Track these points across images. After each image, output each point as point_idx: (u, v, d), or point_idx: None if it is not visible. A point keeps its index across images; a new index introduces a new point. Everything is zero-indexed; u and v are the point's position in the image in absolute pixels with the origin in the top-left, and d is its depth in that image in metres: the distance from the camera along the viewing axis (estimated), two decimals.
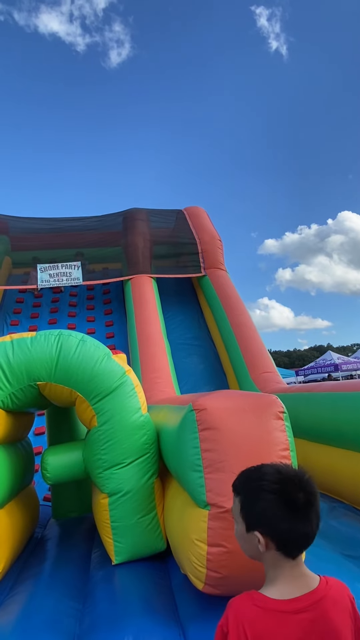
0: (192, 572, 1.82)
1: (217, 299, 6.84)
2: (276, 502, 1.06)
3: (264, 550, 1.07)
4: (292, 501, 1.05)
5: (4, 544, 2.33)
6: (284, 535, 1.05)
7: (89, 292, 8.13)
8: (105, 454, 2.36)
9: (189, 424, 1.85)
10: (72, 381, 2.40)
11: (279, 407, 1.87)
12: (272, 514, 1.05)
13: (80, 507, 3.44)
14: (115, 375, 2.42)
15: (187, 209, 8.71)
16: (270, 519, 1.05)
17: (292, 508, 1.05)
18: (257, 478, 1.12)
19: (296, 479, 1.09)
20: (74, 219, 8.76)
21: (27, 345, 2.40)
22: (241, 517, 1.13)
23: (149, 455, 2.40)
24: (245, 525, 1.11)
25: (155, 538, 2.39)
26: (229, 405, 1.86)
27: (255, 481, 1.11)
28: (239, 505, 1.14)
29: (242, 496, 1.14)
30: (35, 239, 8.15)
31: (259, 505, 1.07)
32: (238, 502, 1.15)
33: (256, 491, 1.09)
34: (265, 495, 1.07)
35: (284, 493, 1.06)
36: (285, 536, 1.05)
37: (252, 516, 1.09)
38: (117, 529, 2.35)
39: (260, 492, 1.08)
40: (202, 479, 1.74)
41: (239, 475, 1.20)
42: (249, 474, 1.16)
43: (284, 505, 1.05)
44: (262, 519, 1.07)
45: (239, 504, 1.15)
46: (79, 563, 2.53)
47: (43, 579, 2.33)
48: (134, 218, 8.07)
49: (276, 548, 1.06)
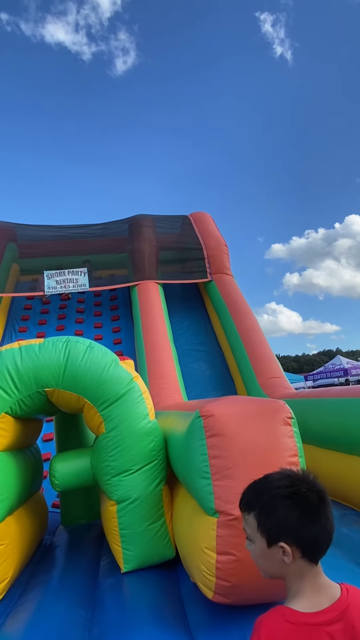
0: (202, 580, 1.81)
1: (223, 304, 6.83)
2: (295, 507, 1.05)
3: (290, 562, 1.05)
4: (309, 502, 1.05)
5: (13, 551, 2.33)
6: (309, 538, 1.04)
7: (96, 299, 8.16)
8: (113, 460, 2.35)
9: (197, 430, 1.84)
10: (80, 388, 2.41)
11: (286, 412, 1.86)
12: (294, 519, 1.04)
13: (88, 514, 3.43)
14: (122, 382, 2.42)
15: (193, 215, 8.74)
16: (293, 525, 1.04)
17: (310, 509, 1.05)
18: (269, 488, 1.10)
19: (306, 479, 1.09)
20: (81, 226, 8.83)
21: (35, 352, 2.41)
22: (259, 533, 1.10)
23: (157, 462, 2.39)
24: (266, 540, 1.08)
25: (164, 546, 2.38)
26: (237, 412, 1.85)
27: (268, 491, 1.10)
28: (255, 522, 1.11)
29: (257, 511, 1.11)
30: (43, 246, 8.22)
31: (278, 514, 1.06)
32: (253, 518, 1.12)
33: (272, 501, 1.07)
34: (282, 502, 1.06)
35: (299, 496, 1.05)
36: (311, 539, 1.04)
37: (273, 528, 1.07)
38: (125, 536, 2.34)
39: (276, 501, 1.07)
40: (210, 486, 1.73)
41: (247, 492, 1.17)
42: (258, 487, 1.14)
43: (302, 508, 1.05)
44: (285, 527, 1.05)
45: (254, 521, 1.11)
46: (87, 570, 2.52)
47: (52, 586, 2.33)
48: (140, 224, 8.11)
49: (301, 555, 1.04)
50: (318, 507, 1.05)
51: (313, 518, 1.04)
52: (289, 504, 1.05)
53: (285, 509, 1.05)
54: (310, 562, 1.05)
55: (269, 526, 1.08)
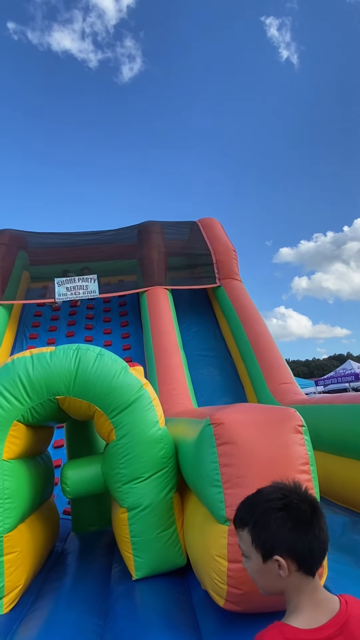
0: (213, 588, 1.81)
1: (232, 309, 6.83)
2: (287, 518, 1.05)
3: (286, 576, 1.04)
4: (301, 513, 1.05)
5: (25, 558, 2.35)
6: (304, 550, 1.04)
7: (105, 305, 8.21)
8: (124, 468, 2.36)
9: (207, 438, 1.85)
10: (91, 395, 2.43)
11: (297, 420, 1.85)
12: (288, 531, 1.04)
13: (100, 520, 3.44)
14: (132, 389, 2.44)
15: (201, 220, 8.77)
16: (286, 537, 1.04)
17: (303, 520, 1.05)
18: (261, 502, 1.11)
19: (297, 491, 1.10)
20: (90, 233, 8.91)
21: (47, 359, 2.44)
22: (254, 548, 1.10)
23: (168, 469, 2.40)
24: (261, 555, 1.08)
25: (175, 553, 2.37)
26: (247, 419, 1.85)
27: (260, 505, 1.10)
28: (249, 537, 1.11)
29: (250, 525, 1.11)
30: (53, 253, 8.31)
31: (272, 527, 1.06)
32: (247, 534, 1.12)
33: (264, 515, 1.08)
34: (275, 514, 1.06)
35: (291, 507, 1.06)
36: (306, 551, 1.04)
37: (267, 542, 1.07)
38: (136, 543, 2.34)
39: (269, 514, 1.07)
40: (221, 494, 1.74)
41: (239, 507, 1.18)
42: (250, 502, 1.15)
43: (295, 520, 1.05)
44: (279, 540, 1.05)
45: (248, 536, 1.11)
46: (99, 578, 2.52)
47: (64, 593, 2.34)
48: (149, 231, 8.16)
49: (297, 568, 1.04)
50: (311, 518, 1.06)
51: (306, 529, 1.04)
52: (281, 515, 1.05)
53: (278, 521, 1.05)
54: (307, 575, 1.05)
55: (263, 540, 1.08)
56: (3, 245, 7.58)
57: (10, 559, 2.23)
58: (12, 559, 2.24)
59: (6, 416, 2.32)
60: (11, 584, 2.22)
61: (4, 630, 2.01)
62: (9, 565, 2.21)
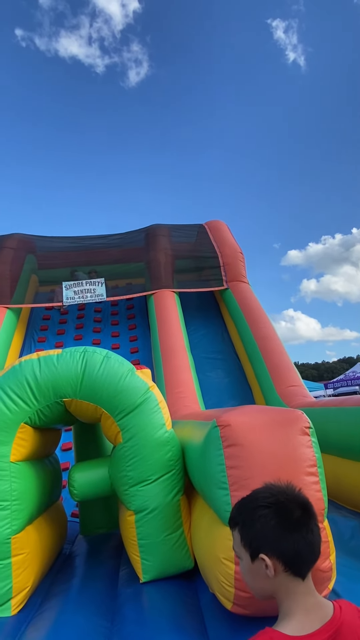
0: (220, 591, 1.80)
1: (240, 312, 6.81)
2: (274, 516, 1.04)
3: (273, 575, 1.02)
4: (290, 512, 1.04)
5: (33, 560, 2.35)
6: (289, 549, 1.02)
7: (113, 308, 8.24)
8: (131, 470, 2.36)
9: (214, 440, 1.84)
10: (97, 397, 2.43)
11: (304, 422, 1.84)
12: (272, 529, 1.03)
13: (107, 523, 3.44)
14: (139, 391, 2.44)
15: (208, 223, 8.77)
16: (271, 534, 1.03)
17: (291, 519, 1.03)
18: (250, 500, 1.11)
19: (287, 491, 1.09)
20: (98, 237, 8.96)
21: (54, 362, 2.45)
22: (243, 547, 1.09)
23: (175, 472, 2.40)
24: (249, 554, 1.07)
25: (183, 556, 2.37)
26: (254, 421, 1.85)
27: (248, 504, 1.10)
28: (239, 537, 1.11)
29: (240, 525, 1.11)
30: (61, 257, 8.37)
31: (258, 524, 1.05)
32: (237, 533, 1.12)
33: (252, 512, 1.07)
34: (261, 512, 1.05)
35: (277, 506, 1.05)
36: (292, 550, 1.02)
37: (254, 540, 1.06)
38: (144, 546, 2.34)
39: (256, 511, 1.06)
40: (228, 496, 1.73)
41: (233, 509, 1.18)
42: (241, 502, 1.15)
43: (282, 518, 1.03)
44: (263, 538, 1.04)
45: (238, 536, 1.11)
46: (107, 580, 2.52)
47: (71, 595, 2.34)
48: (156, 234, 8.18)
49: (284, 568, 1.02)
50: (299, 518, 1.04)
51: (292, 528, 1.03)
52: (266, 513, 1.04)
53: (262, 519, 1.04)
54: (296, 577, 1.03)
55: (250, 539, 1.07)
56: (12, 249, 7.65)
57: (19, 560, 2.24)
58: (20, 560, 2.25)
59: (13, 418, 2.33)
60: (19, 585, 2.23)
61: (12, 631, 2.02)
62: (17, 567, 2.22)
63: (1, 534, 2.18)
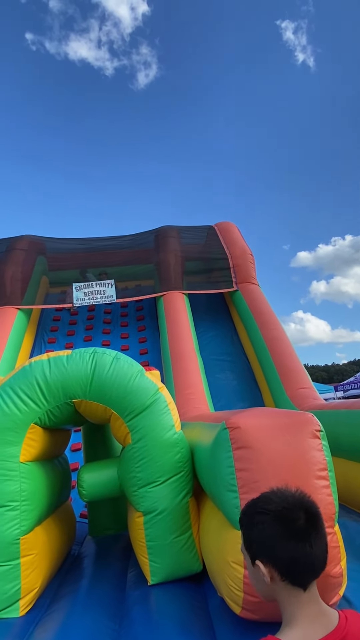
0: (229, 595, 1.78)
1: (249, 313, 6.78)
2: (272, 524, 1.01)
3: (270, 583, 1.00)
4: (291, 521, 1.00)
5: (41, 560, 2.36)
6: (284, 559, 0.99)
7: (122, 309, 8.26)
8: (140, 471, 2.36)
9: (223, 442, 1.83)
10: (107, 398, 2.44)
11: (315, 425, 1.82)
12: (268, 537, 1.00)
13: (116, 525, 3.44)
14: (148, 392, 2.43)
15: (218, 225, 8.75)
16: (267, 542, 1.00)
17: (291, 528, 0.99)
18: (253, 504, 1.08)
19: (293, 498, 1.04)
20: (108, 239, 8.99)
21: (63, 363, 2.46)
22: (245, 549, 1.08)
23: (184, 474, 2.38)
24: (249, 557, 1.06)
25: (191, 559, 2.35)
26: (263, 424, 1.83)
27: (251, 507, 1.08)
28: (243, 538, 1.09)
29: (243, 527, 1.10)
30: (71, 258, 8.41)
31: (255, 529, 1.03)
32: (242, 535, 1.11)
33: (252, 517, 1.05)
34: (259, 517, 1.03)
35: (280, 513, 1.01)
36: (286, 560, 0.99)
37: (252, 545, 1.05)
38: (152, 548, 2.33)
39: (255, 517, 1.04)
40: (237, 499, 1.71)
41: (242, 509, 1.16)
42: (248, 504, 1.12)
43: (281, 526, 1.00)
44: (260, 544, 1.02)
45: (243, 537, 1.10)
46: (115, 582, 2.52)
47: (80, 597, 2.34)
48: (166, 235, 8.19)
49: (280, 577, 0.99)
50: (301, 528, 0.99)
51: (290, 537, 0.99)
52: (264, 520, 1.02)
53: (259, 525, 1.02)
54: (294, 586, 0.99)
55: (248, 543, 1.06)
56: (22, 250, 7.71)
57: (27, 561, 2.24)
58: (29, 561, 2.25)
59: (23, 419, 2.34)
60: (28, 586, 2.23)
61: (21, 632, 2.02)
62: (25, 568, 2.23)
63: (10, 534, 2.19)
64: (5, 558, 2.17)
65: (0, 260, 7.51)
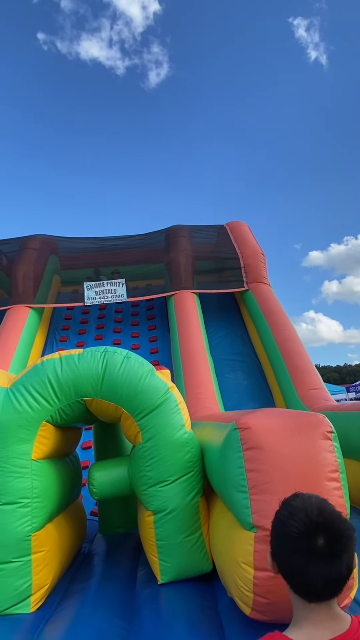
0: (239, 596, 1.78)
1: (260, 313, 6.75)
2: (289, 541, 0.99)
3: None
4: (310, 542, 0.96)
5: (52, 557, 2.38)
6: (295, 577, 0.98)
7: (133, 309, 8.29)
8: (150, 470, 2.37)
9: (233, 442, 1.82)
10: (117, 397, 2.45)
11: (326, 426, 1.80)
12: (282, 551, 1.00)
13: (126, 523, 3.45)
14: (159, 392, 2.44)
15: (229, 224, 8.73)
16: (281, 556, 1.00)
17: (310, 550, 0.96)
18: (282, 508, 1.08)
19: (316, 513, 0.99)
20: (119, 238, 9.02)
21: (75, 362, 2.48)
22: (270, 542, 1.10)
23: (194, 474, 2.38)
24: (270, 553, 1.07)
25: (201, 559, 2.35)
26: (274, 424, 1.82)
27: (280, 513, 1.07)
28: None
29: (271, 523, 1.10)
30: (82, 258, 8.46)
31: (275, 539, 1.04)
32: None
33: (276, 525, 1.05)
34: (280, 528, 1.03)
35: (302, 533, 0.98)
36: (298, 579, 0.97)
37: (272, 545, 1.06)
38: (162, 547, 2.33)
39: (279, 527, 1.04)
40: (247, 500, 1.71)
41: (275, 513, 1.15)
42: (280, 505, 1.10)
43: (299, 545, 0.97)
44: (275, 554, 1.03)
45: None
46: (124, 580, 2.53)
47: (90, 595, 2.35)
48: (176, 235, 8.19)
49: (292, 590, 0.99)
50: (322, 551, 0.95)
51: (310, 559, 0.96)
52: (283, 534, 1.01)
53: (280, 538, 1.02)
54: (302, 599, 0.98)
55: (271, 540, 1.08)
56: (35, 250, 7.77)
57: (38, 557, 2.26)
58: (40, 558, 2.27)
59: (35, 416, 2.36)
60: (39, 582, 2.25)
61: (31, 628, 2.04)
62: (37, 564, 2.25)
63: (22, 531, 2.21)
64: (16, 554, 2.20)
65: (13, 259, 7.59)
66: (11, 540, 2.18)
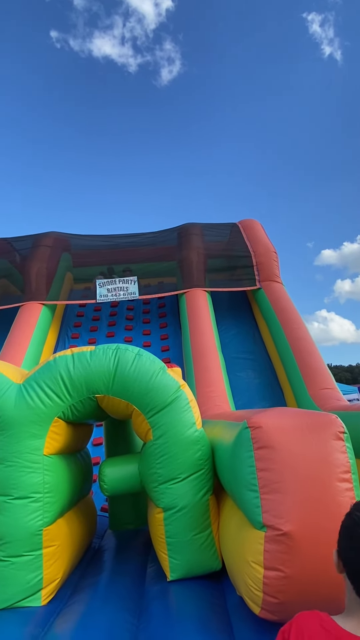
0: (248, 594, 1.77)
1: (272, 312, 6.70)
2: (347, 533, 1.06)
3: (340, 572, 1.07)
4: None
5: (63, 552, 2.40)
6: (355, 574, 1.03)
7: (145, 306, 8.30)
8: (160, 468, 2.37)
9: (244, 441, 1.82)
10: (129, 394, 2.46)
11: (338, 426, 1.79)
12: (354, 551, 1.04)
13: (136, 519, 3.47)
14: (170, 390, 2.44)
15: (242, 222, 8.68)
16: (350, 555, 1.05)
17: None
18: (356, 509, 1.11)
19: None
20: (131, 236, 9.04)
21: (87, 358, 2.49)
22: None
23: (204, 471, 2.39)
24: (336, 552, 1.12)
25: (211, 557, 2.35)
26: (286, 424, 1.81)
27: (354, 514, 1.11)
28: None
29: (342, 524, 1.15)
30: (95, 255, 8.50)
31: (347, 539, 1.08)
32: None
33: (349, 526, 1.09)
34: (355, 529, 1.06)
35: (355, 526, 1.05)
36: (355, 565, 1.03)
37: (339, 547, 1.10)
38: (172, 544, 2.34)
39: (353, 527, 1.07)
40: (258, 499, 1.70)
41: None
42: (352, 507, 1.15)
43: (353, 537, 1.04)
44: (343, 553, 1.08)
45: None
46: (134, 576, 2.55)
47: (100, 590, 2.37)
48: (189, 233, 8.17)
49: (350, 579, 1.05)
50: None
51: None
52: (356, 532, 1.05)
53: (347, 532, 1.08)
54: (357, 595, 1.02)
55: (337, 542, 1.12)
56: (48, 247, 7.84)
57: (49, 552, 2.29)
58: (51, 552, 2.30)
59: (48, 412, 2.38)
60: (50, 576, 2.28)
61: (42, 621, 2.06)
62: (48, 558, 2.28)
63: (33, 525, 2.24)
64: (28, 548, 2.22)
65: (26, 256, 7.65)
66: (23, 534, 2.21)
